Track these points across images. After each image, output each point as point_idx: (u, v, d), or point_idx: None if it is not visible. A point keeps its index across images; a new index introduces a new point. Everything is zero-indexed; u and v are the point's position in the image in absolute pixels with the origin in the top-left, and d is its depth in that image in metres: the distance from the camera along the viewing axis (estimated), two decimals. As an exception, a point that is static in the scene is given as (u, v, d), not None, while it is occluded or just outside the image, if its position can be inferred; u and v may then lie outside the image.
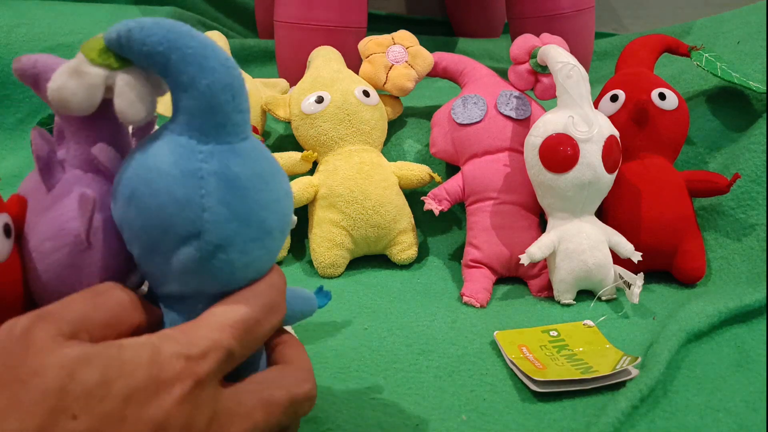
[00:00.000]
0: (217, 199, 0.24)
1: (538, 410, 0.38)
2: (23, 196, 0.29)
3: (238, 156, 0.25)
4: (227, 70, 0.25)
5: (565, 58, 0.52)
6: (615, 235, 0.52)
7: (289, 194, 0.28)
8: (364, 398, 0.38)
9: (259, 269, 0.27)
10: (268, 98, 0.61)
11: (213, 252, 0.25)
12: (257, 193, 0.25)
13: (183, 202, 0.24)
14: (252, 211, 0.25)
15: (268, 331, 0.27)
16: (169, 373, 0.23)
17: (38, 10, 0.75)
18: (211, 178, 0.24)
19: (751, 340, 0.44)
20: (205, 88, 0.24)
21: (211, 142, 0.25)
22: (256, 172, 0.26)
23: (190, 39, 0.25)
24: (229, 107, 0.25)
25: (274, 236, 0.27)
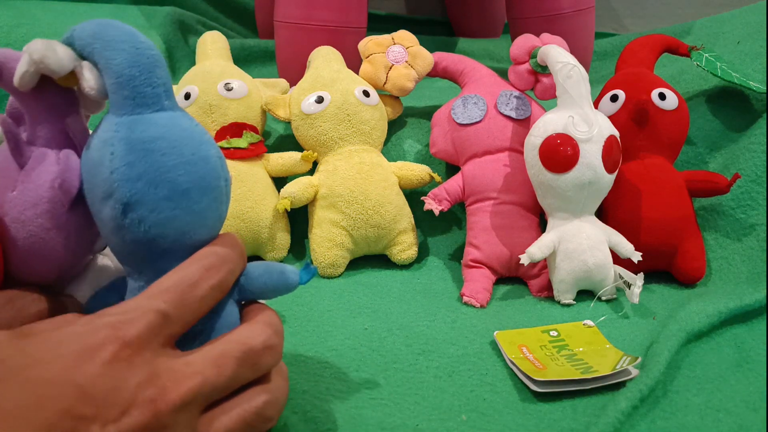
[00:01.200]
0: (123, 161, 0.28)
1: (538, 410, 0.38)
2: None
3: (145, 123, 0.29)
4: (136, 51, 0.29)
5: (565, 58, 0.52)
6: (615, 235, 0.52)
7: (208, 158, 0.30)
8: (364, 398, 0.38)
9: (183, 229, 0.29)
10: (268, 98, 0.61)
11: (124, 210, 0.28)
12: (163, 155, 0.28)
13: (98, 165, 0.28)
14: (158, 171, 0.28)
15: (207, 290, 0.28)
16: (94, 340, 0.24)
17: (38, 10, 0.75)
18: (119, 144, 0.28)
19: (751, 340, 0.44)
20: (116, 67, 0.28)
21: (125, 114, 0.29)
22: (161, 136, 0.29)
23: (111, 29, 0.29)
24: (137, 82, 0.29)
25: (191, 197, 0.29)
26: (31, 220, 0.31)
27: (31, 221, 0.31)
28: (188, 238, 0.29)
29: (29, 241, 0.31)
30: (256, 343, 0.28)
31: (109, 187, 0.28)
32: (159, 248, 0.29)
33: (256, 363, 0.28)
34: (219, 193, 0.30)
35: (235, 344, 0.28)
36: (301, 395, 0.38)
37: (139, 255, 0.29)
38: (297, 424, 0.35)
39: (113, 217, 0.28)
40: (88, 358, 0.24)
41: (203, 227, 0.30)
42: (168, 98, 0.30)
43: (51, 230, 0.31)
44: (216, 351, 0.27)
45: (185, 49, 0.84)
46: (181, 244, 0.29)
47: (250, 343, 0.28)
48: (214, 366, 0.27)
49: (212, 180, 0.30)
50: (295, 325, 0.47)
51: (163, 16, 0.83)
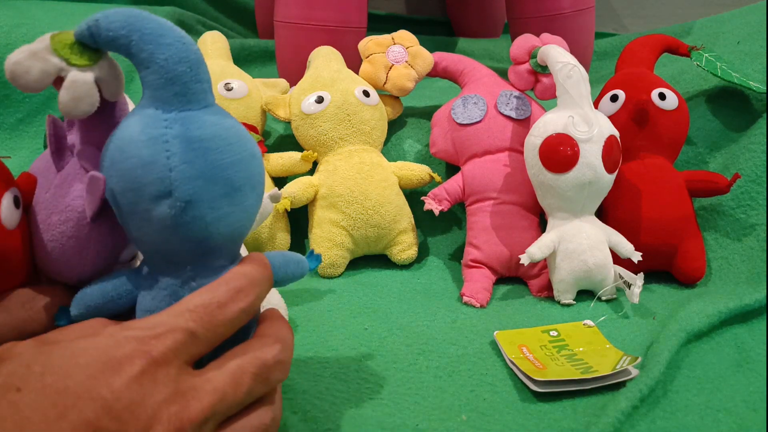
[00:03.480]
0: (181, 159, 0.27)
1: (538, 410, 0.38)
2: (32, 174, 0.33)
3: (198, 121, 0.28)
4: (183, 45, 0.28)
5: (565, 58, 0.52)
6: (615, 235, 0.52)
7: (255, 156, 0.30)
8: (364, 398, 0.38)
9: (234, 226, 0.29)
10: (268, 98, 0.61)
11: (184, 208, 0.27)
12: (218, 153, 0.28)
13: (151, 164, 0.27)
14: (215, 168, 0.28)
15: (236, 313, 0.28)
16: (120, 354, 0.24)
17: (38, 10, 0.75)
18: (175, 141, 0.27)
19: (751, 340, 0.44)
20: (163, 62, 0.27)
21: (173, 110, 0.28)
22: (217, 135, 0.28)
23: (147, 21, 0.28)
24: (187, 78, 0.28)
25: (245, 192, 0.29)
26: (55, 226, 0.31)
27: (55, 227, 0.31)
28: (238, 235, 0.30)
29: (50, 245, 0.31)
30: (269, 358, 0.28)
31: (166, 185, 0.27)
32: (210, 245, 0.29)
33: (268, 378, 0.28)
34: (262, 187, 0.31)
35: (250, 359, 0.28)
36: (301, 395, 0.38)
37: (188, 252, 0.29)
38: (297, 424, 0.35)
39: (171, 215, 0.27)
40: (114, 371, 0.24)
41: (250, 222, 0.30)
42: (211, 94, 0.30)
43: (71, 239, 0.31)
44: (233, 366, 0.27)
45: (185, 49, 0.84)
46: (230, 240, 0.30)
47: (263, 358, 0.28)
48: (233, 381, 0.27)
49: (259, 177, 0.30)
50: (295, 325, 0.47)
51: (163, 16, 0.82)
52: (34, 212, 0.32)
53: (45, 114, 0.69)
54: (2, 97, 0.68)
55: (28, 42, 0.29)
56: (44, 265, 0.33)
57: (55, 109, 0.70)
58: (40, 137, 0.69)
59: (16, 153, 0.68)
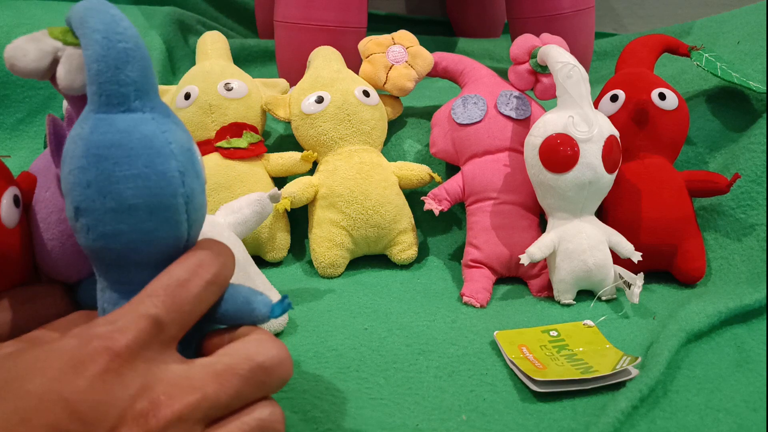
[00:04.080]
0: (78, 163, 0.26)
1: (538, 410, 0.38)
2: (32, 174, 0.33)
3: (106, 125, 0.26)
4: (107, 43, 0.26)
5: (565, 58, 0.52)
6: (615, 235, 0.52)
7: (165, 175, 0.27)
8: (364, 398, 0.38)
9: (129, 246, 0.27)
10: (268, 98, 0.61)
11: (75, 214, 0.26)
12: (115, 164, 0.26)
13: (64, 159, 0.27)
14: (108, 180, 0.26)
15: (200, 287, 0.26)
16: (84, 353, 0.23)
17: (38, 10, 0.75)
18: (80, 143, 0.26)
19: (751, 340, 0.44)
20: (87, 59, 0.26)
21: (92, 111, 0.27)
22: (118, 143, 0.26)
23: (93, 14, 0.27)
24: (102, 78, 0.26)
25: (137, 214, 0.26)
26: (54, 225, 0.31)
27: (55, 226, 0.31)
28: (136, 255, 0.27)
29: (50, 244, 0.31)
30: (265, 359, 0.26)
31: (66, 186, 0.26)
32: (107, 258, 0.27)
33: (265, 381, 0.26)
34: (174, 212, 0.27)
35: (242, 359, 0.26)
36: (301, 395, 0.38)
37: (92, 259, 0.28)
38: (297, 424, 0.35)
39: (69, 216, 0.27)
40: (76, 371, 0.23)
41: (153, 246, 0.27)
42: (139, 97, 0.27)
43: (71, 237, 0.31)
44: (220, 365, 0.25)
45: (185, 49, 0.84)
46: (129, 259, 0.27)
47: (258, 360, 0.26)
48: (216, 382, 0.25)
49: (165, 198, 0.27)
50: (295, 325, 0.47)
51: (163, 16, 0.83)
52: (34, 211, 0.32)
53: (45, 114, 0.69)
54: (2, 97, 0.68)
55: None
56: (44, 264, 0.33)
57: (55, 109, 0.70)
58: (40, 137, 0.69)
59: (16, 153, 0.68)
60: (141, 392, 0.24)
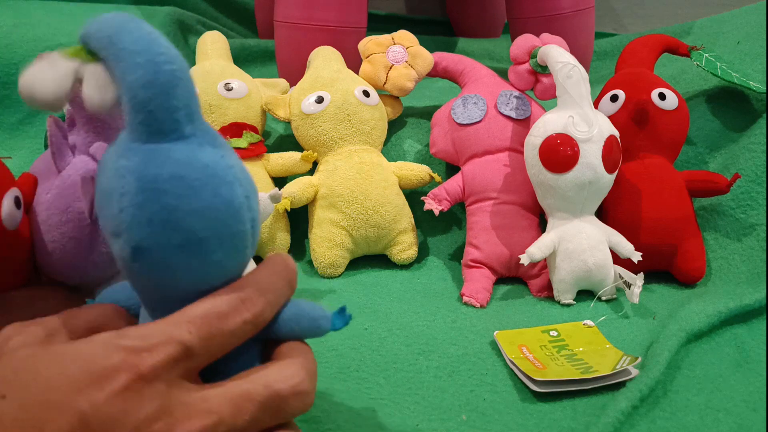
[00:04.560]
0: (132, 200, 0.24)
1: (538, 410, 0.38)
2: (33, 175, 0.33)
3: (161, 157, 0.24)
4: (154, 66, 0.24)
5: (565, 58, 0.52)
6: (615, 235, 0.52)
7: (232, 203, 0.25)
8: (364, 398, 0.38)
9: (197, 280, 0.25)
10: (268, 98, 0.61)
11: (132, 254, 0.24)
12: (178, 198, 0.24)
13: (107, 197, 0.24)
14: (171, 215, 0.24)
15: (238, 324, 0.26)
16: (108, 364, 0.23)
17: (38, 10, 0.75)
18: (130, 177, 0.24)
19: (751, 340, 0.44)
20: (130, 85, 0.24)
21: (138, 140, 0.24)
22: (178, 175, 0.24)
23: (128, 34, 0.24)
24: (152, 105, 0.24)
25: (207, 246, 0.25)
26: (56, 226, 0.31)
27: (56, 227, 0.31)
28: (202, 287, 0.26)
29: (52, 245, 0.31)
30: (284, 388, 0.26)
31: (118, 225, 0.24)
32: (169, 294, 0.26)
33: (281, 408, 0.26)
34: (242, 239, 0.26)
35: (260, 386, 0.25)
36: (301, 395, 0.38)
37: (147, 296, 0.27)
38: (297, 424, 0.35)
39: (122, 257, 0.25)
40: (97, 384, 0.23)
41: (220, 277, 0.26)
42: (191, 121, 0.25)
43: (72, 240, 0.31)
44: (238, 390, 0.25)
45: (185, 49, 0.84)
46: (194, 292, 0.26)
47: (276, 387, 0.25)
48: (233, 406, 0.24)
49: (235, 225, 0.25)
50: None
51: (163, 16, 0.83)
52: (35, 213, 0.32)
53: (45, 114, 0.69)
54: (2, 97, 0.68)
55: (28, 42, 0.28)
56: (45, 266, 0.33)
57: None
58: (40, 137, 0.69)
59: (16, 153, 0.68)
60: (158, 414, 0.23)
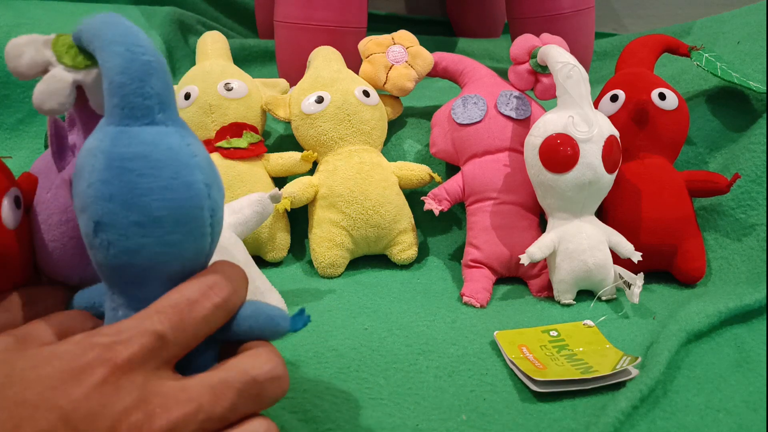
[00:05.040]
0: (99, 175, 0.25)
1: (538, 410, 0.38)
2: (33, 174, 0.33)
3: (129, 138, 0.26)
4: (131, 56, 0.26)
5: (565, 58, 0.52)
6: (615, 235, 0.52)
7: (191, 186, 0.27)
8: (364, 398, 0.38)
9: (153, 260, 0.26)
10: (268, 98, 0.61)
11: (94, 229, 0.26)
12: (139, 176, 0.25)
13: (79, 174, 0.26)
14: (132, 193, 0.25)
15: (209, 310, 0.26)
16: (83, 361, 0.23)
17: (38, 10, 0.75)
18: (101, 156, 0.26)
19: (751, 340, 0.44)
20: (107, 71, 0.26)
21: (112, 123, 0.26)
22: (142, 155, 0.26)
23: (112, 27, 0.27)
24: (126, 90, 0.26)
25: (163, 225, 0.26)
26: (55, 226, 0.31)
27: (56, 227, 0.31)
28: (160, 269, 0.27)
29: (52, 245, 0.31)
30: (260, 373, 0.26)
31: (84, 200, 0.26)
32: (128, 275, 0.27)
33: (259, 395, 0.26)
34: (199, 224, 0.27)
35: (237, 373, 0.26)
36: (301, 395, 0.38)
37: (108, 277, 0.27)
38: (297, 424, 0.35)
39: (86, 233, 0.26)
40: (74, 380, 0.23)
41: (177, 260, 0.27)
42: (163, 110, 0.27)
43: (72, 239, 0.31)
44: (216, 378, 0.25)
45: (185, 49, 0.84)
46: (153, 274, 0.27)
47: (253, 373, 0.26)
48: (212, 394, 0.25)
49: (191, 209, 0.27)
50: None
51: (163, 16, 0.83)
52: (35, 212, 0.32)
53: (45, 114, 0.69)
54: (2, 97, 0.68)
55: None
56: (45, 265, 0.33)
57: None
58: (40, 137, 0.69)
59: (16, 153, 0.68)
60: (137, 404, 0.23)
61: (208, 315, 0.26)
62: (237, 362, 0.27)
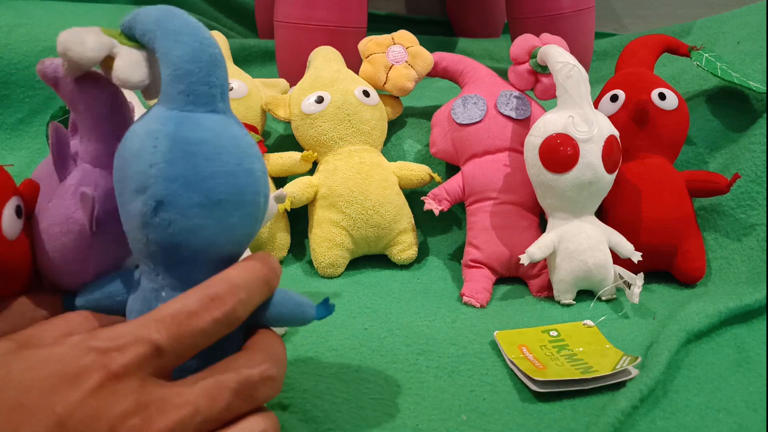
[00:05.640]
0: (164, 157, 0.26)
1: (538, 410, 0.38)
2: (36, 182, 0.32)
3: (194, 123, 0.27)
4: (200, 46, 0.27)
5: (565, 58, 0.52)
6: (615, 235, 0.52)
7: (252, 173, 0.28)
8: (364, 398, 0.38)
9: (209, 241, 0.27)
10: (268, 98, 0.61)
11: (155, 208, 0.26)
12: (205, 160, 0.27)
13: (136, 157, 0.27)
14: (197, 175, 0.26)
15: (208, 323, 0.26)
16: (79, 366, 0.23)
17: (38, 10, 0.75)
18: (164, 139, 0.26)
19: (751, 340, 0.44)
20: (175, 59, 0.27)
21: (175, 108, 0.27)
22: (208, 140, 0.27)
23: (173, 18, 0.28)
24: (194, 78, 0.27)
25: (224, 209, 0.27)
26: (56, 237, 0.30)
27: (57, 238, 0.30)
28: (213, 251, 0.28)
29: (52, 255, 0.31)
30: (254, 374, 0.27)
31: (144, 180, 0.26)
32: (181, 255, 0.27)
33: (252, 395, 0.27)
34: (255, 209, 0.29)
35: (231, 374, 0.26)
36: (301, 395, 0.38)
37: (160, 257, 0.28)
38: (297, 424, 0.35)
39: (143, 212, 0.27)
40: (70, 385, 0.23)
41: (231, 242, 0.28)
42: (223, 101, 0.29)
43: (73, 250, 0.30)
44: (210, 380, 0.26)
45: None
46: (204, 255, 0.28)
47: (246, 374, 0.26)
48: (208, 396, 0.25)
49: (250, 195, 0.28)
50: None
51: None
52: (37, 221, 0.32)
53: (45, 114, 0.69)
54: (2, 97, 0.68)
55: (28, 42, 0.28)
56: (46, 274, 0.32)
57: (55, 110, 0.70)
58: (40, 137, 0.69)
59: (16, 153, 0.68)
60: (133, 409, 0.24)
61: (206, 328, 0.26)
62: (232, 364, 0.27)
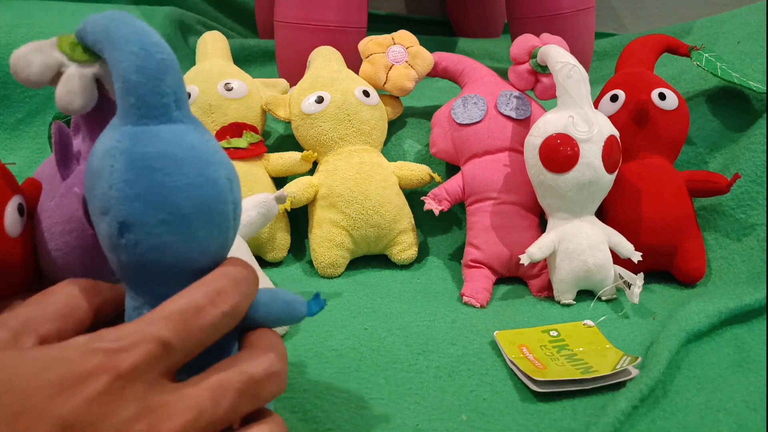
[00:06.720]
0: (122, 176, 0.25)
1: (538, 410, 0.38)
2: (38, 180, 0.32)
3: (150, 137, 0.26)
4: (146, 54, 0.26)
5: (565, 58, 0.52)
6: (615, 235, 0.52)
7: (216, 183, 0.27)
8: (364, 398, 0.38)
9: (180, 257, 0.26)
10: (268, 98, 0.61)
11: (119, 229, 0.25)
12: (165, 175, 0.25)
13: (97, 177, 0.26)
14: (158, 192, 0.25)
15: (217, 317, 0.26)
16: (85, 368, 0.23)
17: (38, 10, 0.75)
18: (121, 157, 0.25)
19: (751, 340, 0.44)
20: (122, 71, 0.25)
21: (129, 123, 0.26)
22: (166, 153, 0.26)
23: (121, 26, 0.26)
24: (143, 89, 0.26)
25: (191, 222, 0.26)
26: (59, 236, 0.30)
27: (59, 236, 0.30)
28: (186, 266, 0.27)
29: (55, 253, 0.31)
30: (258, 372, 0.26)
31: (106, 202, 0.25)
32: (154, 273, 0.26)
33: (258, 393, 0.26)
34: (223, 219, 0.27)
35: (234, 373, 0.26)
36: (301, 395, 0.38)
37: (134, 277, 0.27)
38: (297, 424, 0.35)
39: (109, 234, 0.26)
40: (76, 388, 0.22)
41: (204, 255, 0.27)
42: (179, 108, 0.27)
43: (75, 249, 0.30)
44: (214, 381, 0.25)
45: (185, 49, 0.84)
46: (179, 271, 0.27)
47: (250, 372, 0.26)
48: (211, 398, 0.25)
49: (217, 205, 0.27)
50: (295, 325, 0.47)
51: (163, 16, 0.83)
52: (39, 220, 0.32)
53: (45, 114, 0.69)
54: (2, 97, 0.68)
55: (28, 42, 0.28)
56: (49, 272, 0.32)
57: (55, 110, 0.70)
58: (41, 137, 0.69)
59: (16, 153, 0.68)
60: (139, 415, 0.23)
61: (215, 322, 0.26)
62: (234, 362, 0.26)
